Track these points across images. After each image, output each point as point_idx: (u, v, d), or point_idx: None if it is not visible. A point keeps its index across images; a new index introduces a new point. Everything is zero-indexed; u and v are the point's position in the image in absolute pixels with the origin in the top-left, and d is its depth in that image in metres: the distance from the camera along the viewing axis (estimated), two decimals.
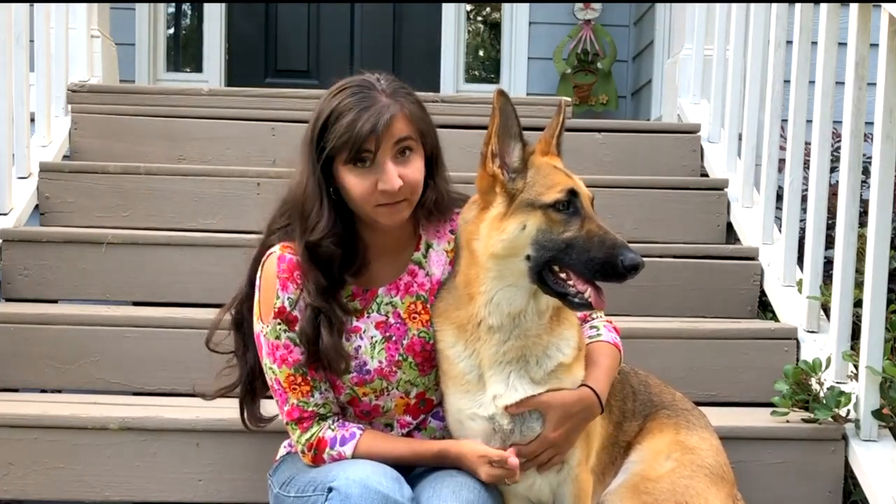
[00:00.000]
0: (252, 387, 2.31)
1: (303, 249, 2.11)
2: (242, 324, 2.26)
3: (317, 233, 2.10)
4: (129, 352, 2.97)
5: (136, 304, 3.39)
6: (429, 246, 2.25)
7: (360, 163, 2.07)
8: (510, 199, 2.01)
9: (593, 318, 2.30)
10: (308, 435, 2.13)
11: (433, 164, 2.20)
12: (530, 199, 2.00)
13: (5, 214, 3.49)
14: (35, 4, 3.88)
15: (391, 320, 2.19)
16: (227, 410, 2.55)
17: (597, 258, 1.93)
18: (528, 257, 1.99)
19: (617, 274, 1.92)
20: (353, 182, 2.09)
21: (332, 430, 2.12)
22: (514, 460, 2.03)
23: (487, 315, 2.05)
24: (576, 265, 1.95)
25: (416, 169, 2.12)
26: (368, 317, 2.19)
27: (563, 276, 1.98)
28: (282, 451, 2.33)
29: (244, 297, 2.25)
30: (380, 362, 2.17)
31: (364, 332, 2.18)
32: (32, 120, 3.85)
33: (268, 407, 2.36)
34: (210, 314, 2.38)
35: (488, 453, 2.05)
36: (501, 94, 2.00)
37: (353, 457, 2.09)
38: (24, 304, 3.28)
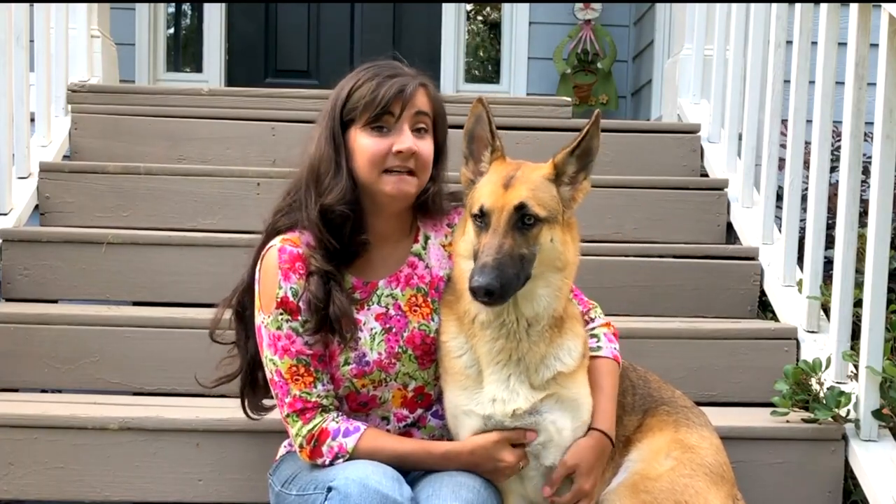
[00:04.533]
0: (253, 376, 2.31)
1: (317, 213, 2.13)
2: (244, 313, 2.27)
3: (332, 196, 2.12)
4: (129, 352, 2.98)
5: (136, 303, 3.39)
6: (427, 238, 2.27)
7: (378, 128, 2.12)
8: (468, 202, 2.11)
9: (592, 320, 2.30)
10: (311, 426, 2.11)
11: (438, 156, 2.22)
12: (469, 206, 2.08)
13: (5, 214, 3.49)
14: (35, 4, 3.88)
15: (391, 312, 2.20)
16: (227, 410, 2.55)
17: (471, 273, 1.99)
18: None
19: (469, 292, 1.98)
20: (368, 144, 2.12)
21: (336, 422, 2.12)
22: (531, 433, 2.07)
23: (477, 311, 2.09)
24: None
25: (428, 147, 2.17)
26: (368, 309, 2.19)
27: None
28: (282, 450, 2.33)
29: (246, 287, 2.25)
30: (379, 354, 2.17)
31: (364, 323, 2.18)
32: (32, 120, 3.85)
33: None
34: (210, 314, 2.38)
35: (505, 436, 2.08)
36: (479, 101, 2.11)
37: (355, 450, 2.08)
38: (24, 304, 3.28)
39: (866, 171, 3.03)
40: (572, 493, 2.12)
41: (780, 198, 3.55)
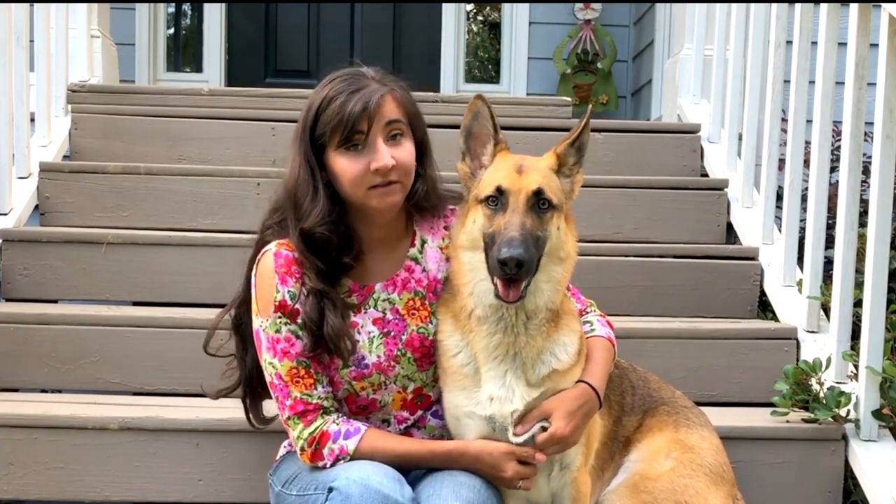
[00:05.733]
0: (252, 389, 2.31)
1: (298, 237, 2.12)
2: (241, 326, 2.26)
3: (311, 219, 2.11)
4: (129, 352, 2.98)
5: (136, 303, 3.39)
6: (423, 241, 2.26)
7: (353, 147, 2.11)
8: (470, 194, 2.13)
9: (587, 313, 2.31)
10: (312, 428, 2.11)
11: (422, 152, 2.22)
12: (476, 194, 2.09)
13: (5, 214, 3.49)
14: (35, 4, 3.89)
15: (389, 316, 2.20)
16: (227, 410, 2.55)
17: (490, 252, 2.00)
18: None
19: (498, 265, 1.95)
20: (346, 165, 2.11)
21: (337, 424, 2.12)
22: (540, 455, 2.06)
23: (474, 306, 2.09)
24: (489, 258, 2.01)
25: (407, 152, 2.15)
26: (365, 313, 2.19)
27: None
28: (282, 450, 2.33)
29: (242, 300, 2.25)
30: (378, 357, 2.17)
31: (361, 327, 2.18)
32: (32, 120, 3.85)
33: (270, 407, 2.35)
34: (210, 314, 2.38)
35: (514, 450, 2.07)
36: (478, 98, 2.12)
37: (356, 451, 2.08)
38: (24, 303, 3.28)
39: (866, 171, 3.03)
40: (546, 434, 2.08)
41: (780, 198, 3.55)
